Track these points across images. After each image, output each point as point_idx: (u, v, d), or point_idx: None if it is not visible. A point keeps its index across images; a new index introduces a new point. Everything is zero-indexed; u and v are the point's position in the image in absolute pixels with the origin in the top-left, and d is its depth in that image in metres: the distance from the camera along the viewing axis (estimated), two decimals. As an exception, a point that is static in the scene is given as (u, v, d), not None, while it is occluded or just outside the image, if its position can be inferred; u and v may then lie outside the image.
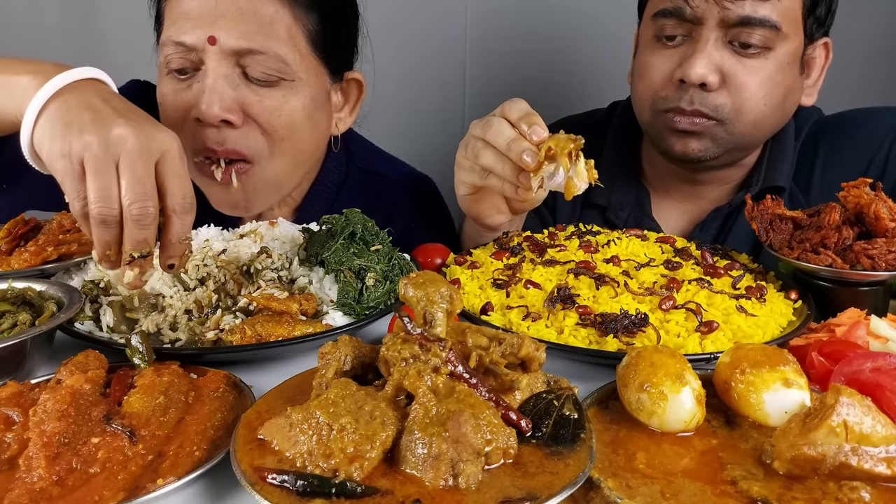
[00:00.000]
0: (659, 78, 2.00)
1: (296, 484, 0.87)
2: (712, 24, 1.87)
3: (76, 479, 0.95)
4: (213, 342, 1.35)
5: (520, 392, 1.06)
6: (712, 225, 2.18)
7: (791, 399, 1.05)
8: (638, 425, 1.07)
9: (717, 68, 1.89)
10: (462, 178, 1.76)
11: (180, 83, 1.80)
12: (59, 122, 1.25)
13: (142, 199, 1.22)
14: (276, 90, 1.82)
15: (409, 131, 3.14)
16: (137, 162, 1.22)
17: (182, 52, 1.76)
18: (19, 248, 1.60)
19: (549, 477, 0.90)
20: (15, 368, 1.22)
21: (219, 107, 1.74)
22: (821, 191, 2.11)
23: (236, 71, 1.78)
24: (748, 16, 1.84)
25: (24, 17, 2.91)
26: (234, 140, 1.79)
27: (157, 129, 1.27)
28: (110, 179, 1.21)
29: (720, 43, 1.89)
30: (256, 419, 1.02)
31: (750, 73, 1.90)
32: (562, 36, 3.16)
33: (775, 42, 1.89)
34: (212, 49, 1.74)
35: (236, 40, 1.74)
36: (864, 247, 1.45)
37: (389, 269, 1.55)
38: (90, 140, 1.21)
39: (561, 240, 1.73)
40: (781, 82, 1.95)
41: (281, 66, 1.80)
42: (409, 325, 1.05)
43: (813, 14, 1.94)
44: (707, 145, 1.99)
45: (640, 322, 1.33)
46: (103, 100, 1.29)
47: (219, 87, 1.75)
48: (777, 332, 1.39)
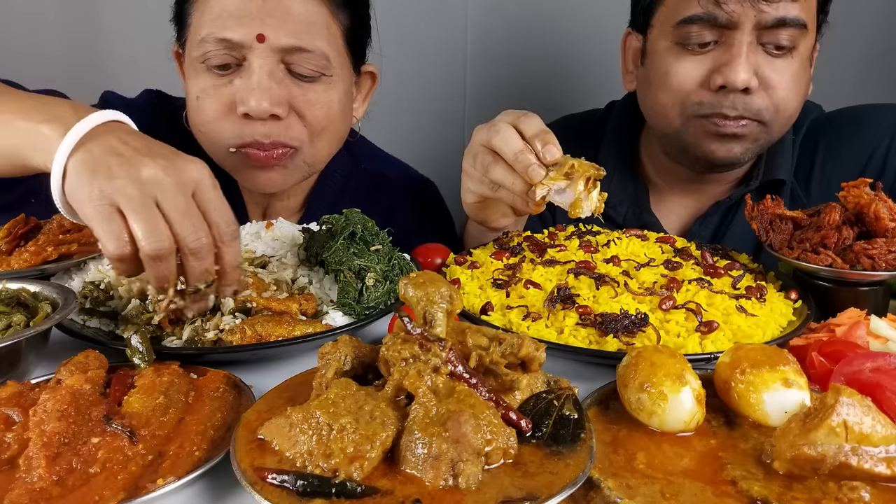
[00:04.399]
0: (689, 84, 1.98)
1: (296, 484, 0.87)
2: (748, 28, 1.88)
3: (76, 479, 0.94)
4: (213, 342, 1.35)
5: (520, 392, 1.06)
6: (712, 219, 2.19)
7: (791, 399, 1.05)
8: (638, 425, 1.07)
9: (756, 71, 1.91)
10: (470, 188, 1.76)
11: (220, 79, 1.85)
12: (84, 172, 1.25)
13: (194, 232, 1.25)
14: (317, 85, 1.90)
15: (410, 132, 3.14)
16: (178, 197, 1.24)
17: (225, 49, 1.81)
18: (19, 248, 1.60)
19: (549, 477, 0.90)
20: (10, 369, 1.22)
21: (268, 102, 1.81)
22: (821, 187, 2.12)
23: (280, 67, 1.84)
24: (783, 17, 1.86)
25: (23, 16, 2.90)
26: (278, 133, 1.87)
27: (185, 161, 1.30)
28: (155, 215, 1.22)
29: (754, 46, 1.90)
30: (256, 419, 1.02)
31: (781, 73, 1.93)
32: (562, 37, 3.16)
33: (800, 40, 1.92)
34: (259, 46, 1.80)
35: (286, 38, 1.81)
36: (864, 247, 1.45)
37: (389, 269, 1.55)
38: (121, 183, 1.22)
39: (561, 240, 1.73)
40: (804, 77, 2.00)
41: (324, 63, 1.88)
42: (410, 325, 1.05)
43: (823, 10, 1.99)
44: (748, 147, 2.01)
45: (640, 322, 1.33)
46: (124, 143, 1.30)
47: (266, 84, 1.81)
48: (777, 332, 1.39)
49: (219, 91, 1.85)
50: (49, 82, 1.91)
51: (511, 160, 1.59)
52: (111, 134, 1.32)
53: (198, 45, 1.84)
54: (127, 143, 1.30)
